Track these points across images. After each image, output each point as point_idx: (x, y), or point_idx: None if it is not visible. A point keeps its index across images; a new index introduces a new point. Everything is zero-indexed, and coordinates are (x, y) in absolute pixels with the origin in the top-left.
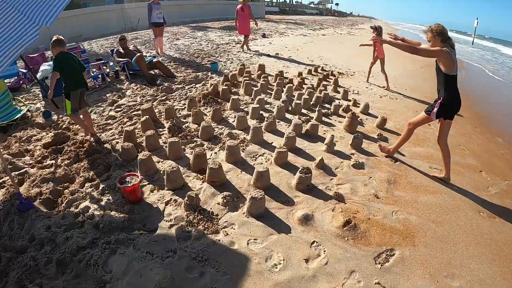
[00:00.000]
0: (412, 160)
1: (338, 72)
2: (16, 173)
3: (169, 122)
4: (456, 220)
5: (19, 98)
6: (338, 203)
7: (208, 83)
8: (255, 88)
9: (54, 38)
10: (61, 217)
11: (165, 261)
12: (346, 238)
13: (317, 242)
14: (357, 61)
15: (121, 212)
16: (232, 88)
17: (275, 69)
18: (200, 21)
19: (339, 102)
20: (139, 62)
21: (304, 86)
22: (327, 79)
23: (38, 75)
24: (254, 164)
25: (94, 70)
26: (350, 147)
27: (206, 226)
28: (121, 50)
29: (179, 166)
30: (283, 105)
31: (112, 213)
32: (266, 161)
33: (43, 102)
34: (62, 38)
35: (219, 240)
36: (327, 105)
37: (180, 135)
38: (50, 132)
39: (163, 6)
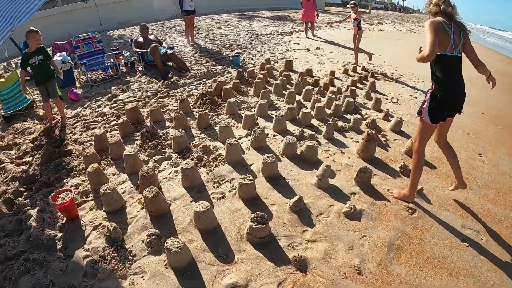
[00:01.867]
0: (440, 212)
1: (381, 73)
2: None
3: (144, 128)
4: None
5: (27, 88)
6: (295, 272)
7: (224, 78)
8: (263, 90)
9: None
10: (9, 221)
11: None
12: None
13: None
14: (409, 62)
15: (52, 229)
16: (243, 87)
17: (308, 66)
18: (255, 9)
19: (366, 114)
20: (153, 53)
21: (332, 88)
22: (364, 81)
23: None
24: (212, 194)
25: (111, 60)
26: (354, 182)
27: (116, 267)
28: (140, 40)
29: (131, 182)
30: (283, 114)
31: (45, 227)
32: (230, 191)
33: None
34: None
35: None
36: (351, 116)
37: (150, 143)
38: (43, 125)
39: None
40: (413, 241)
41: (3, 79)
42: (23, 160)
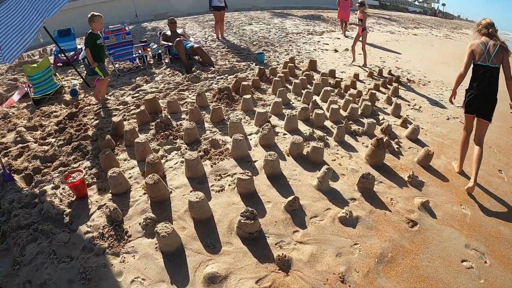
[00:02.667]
0: (444, 228)
1: (407, 78)
2: (21, 145)
3: (159, 118)
4: None
5: (57, 74)
6: (276, 271)
7: (244, 74)
8: (280, 88)
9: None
10: (25, 194)
11: (59, 265)
12: None
13: None
14: (440, 69)
15: (62, 204)
16: (263, 84)
17: (333, 67)
18: (290, 7)
19: (383, 119)
20: (177, 47)
21: (352, 91)
22: (388, 86)
23: (81, 54)
24: (212, 186)
25: (139, 51)
26: (356, 188)
27: (111, 245)
28: (168, 33)
29: (139, 168)
30: (294, 114)
31: (56, 202)
32: (230, 185)
33: (81, 80)
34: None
35: (112, 265)
36: (367, 120)
37: (163, 133)
38: (70, 110)
39: None
40: (408, 256)
41: (35, 65)
42: (46, 140)
